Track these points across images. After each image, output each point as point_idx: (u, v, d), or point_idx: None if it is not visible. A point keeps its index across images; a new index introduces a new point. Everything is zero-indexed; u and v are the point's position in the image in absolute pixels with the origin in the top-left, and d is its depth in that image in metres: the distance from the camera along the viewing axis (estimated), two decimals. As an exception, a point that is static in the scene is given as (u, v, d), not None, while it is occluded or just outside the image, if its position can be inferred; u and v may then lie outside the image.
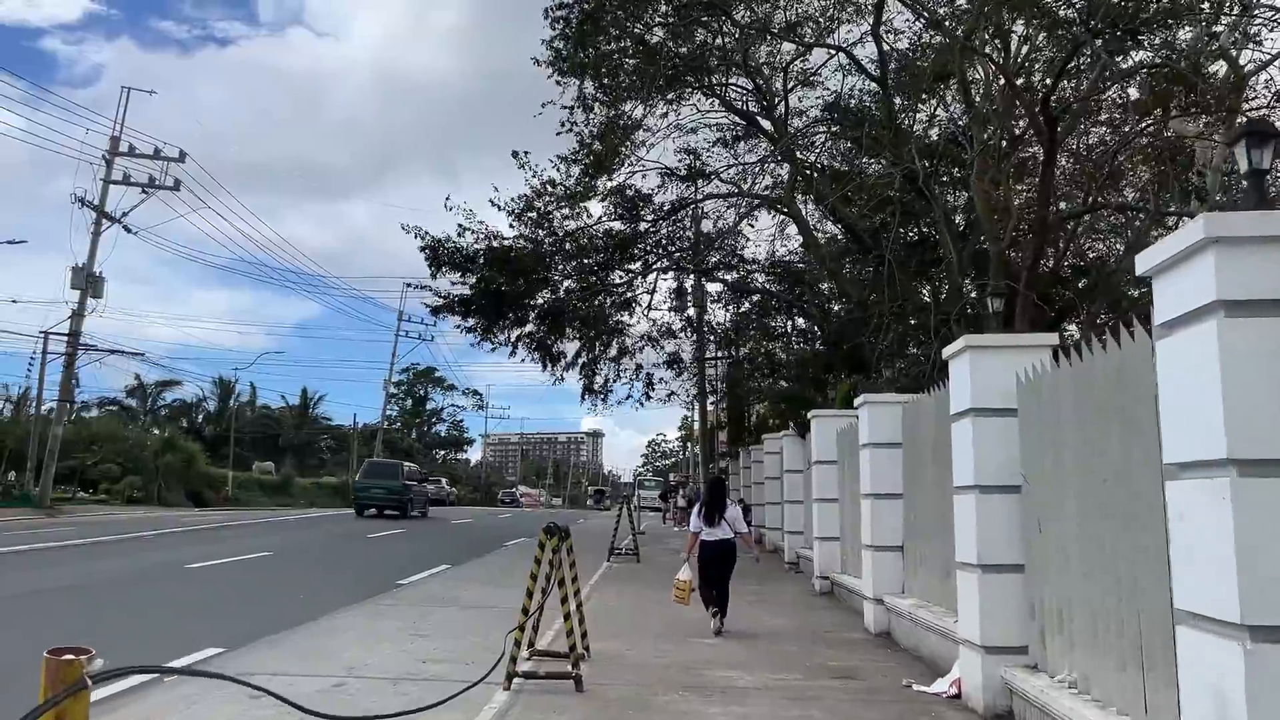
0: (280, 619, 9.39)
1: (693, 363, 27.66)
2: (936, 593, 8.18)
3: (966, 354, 6.35)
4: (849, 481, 12.13)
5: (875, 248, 20.88)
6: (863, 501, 9.93)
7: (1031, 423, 5.95)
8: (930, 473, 8.44)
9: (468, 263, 19.94)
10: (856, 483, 11.47)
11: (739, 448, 29.43)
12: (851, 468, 11.87)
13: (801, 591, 13.19)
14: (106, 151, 36.41)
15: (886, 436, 9.51)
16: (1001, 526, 6.11)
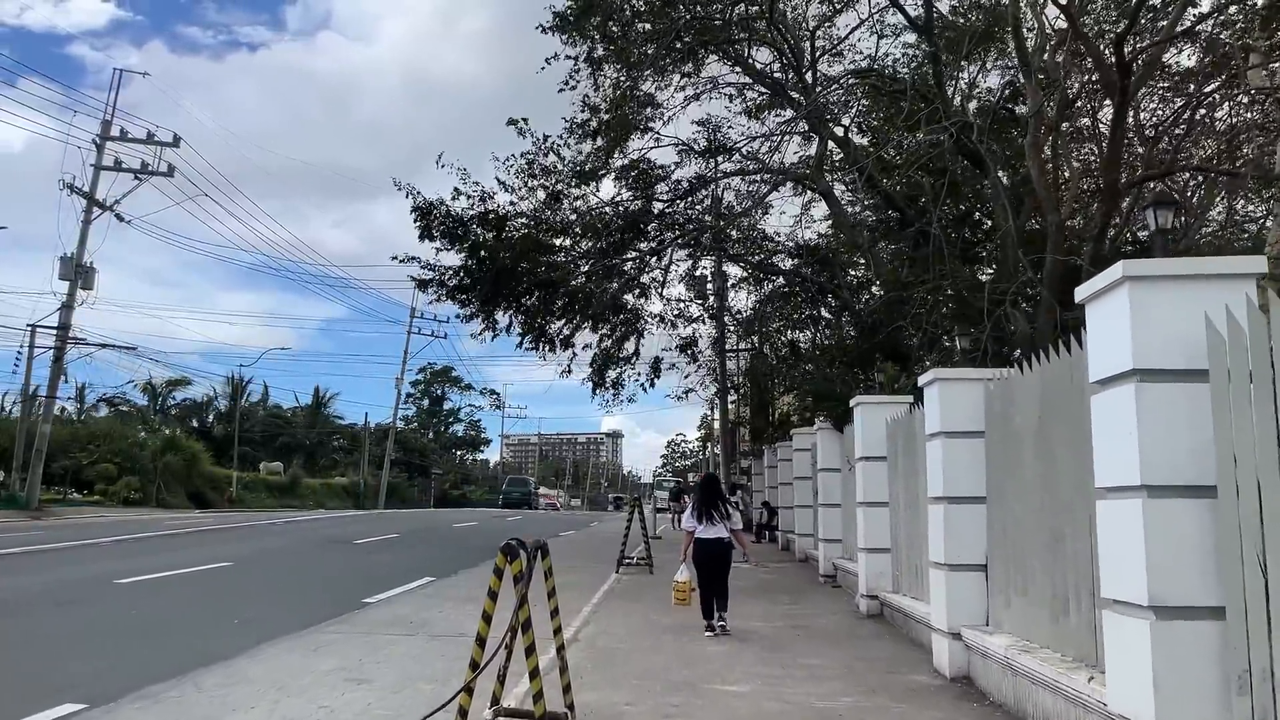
0: (185, 657, 7.38)
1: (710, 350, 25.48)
2: (1044, 631, 6.05)
3: (1124, 290, 4.22)
4: (905, 481, 10.00)
5: (917, 221, 18.67)
6: (931, 507, 7.80)
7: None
8: (1032, 470, 6.31)
9: (460, 229, 17.86)
10: (915, 482, 9.35)
11: (763, 445, 27.26)
12: (909, 464, 9.74)
13: (844, 613, 11.06)
14: (97, 136, 34.78)
15: (964, 423, 7.38)
16: (1189, 548, 3.99)
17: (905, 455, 9.93)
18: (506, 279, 18.29)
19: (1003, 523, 6.95)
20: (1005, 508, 6.90)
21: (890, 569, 10.52)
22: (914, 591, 9.52)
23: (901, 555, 10.13)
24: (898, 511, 10.30)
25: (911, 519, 9.69)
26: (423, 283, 18.85)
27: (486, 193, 18.12)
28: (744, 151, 23.10)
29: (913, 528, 9.66)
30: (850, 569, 12.75)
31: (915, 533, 9.54)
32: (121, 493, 39.77)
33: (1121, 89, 13.98)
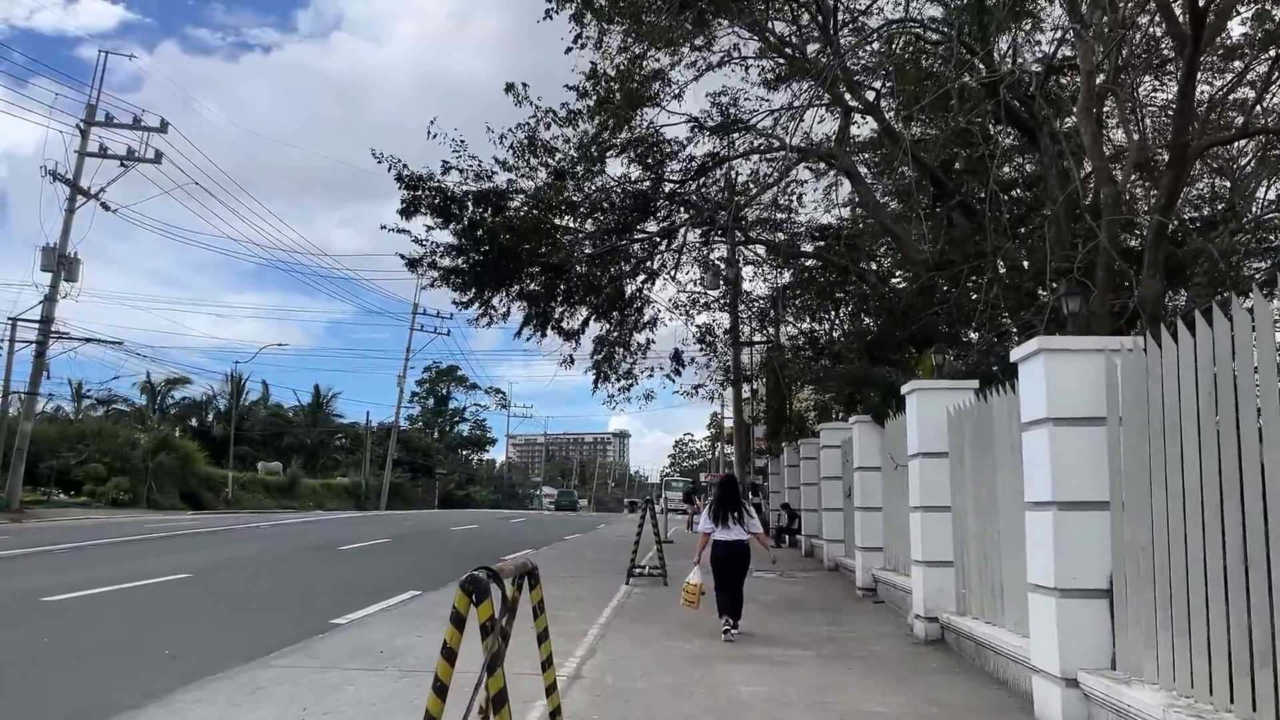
0: (74, 707, 5.76)
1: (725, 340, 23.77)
2: (1201, 679, 4.40)
3: None
4: (975, 481, 8.34)
5: (957, 192, 16.97)
6: (1031, 514, 6.12)
7: None
8: (1192, 467, 4.65)
9: (453, 205, 16.15)
10: (990, 482, 7.70)
11: (781, 443, 25.57)
12: (981, 461, 8.07)
13: (895, 636, 9.38)
14: (81, 121, 33.25)
15: (1077, 407, 5.71)
16: None
17: (975, 450, 8.27)
18: (508, 260, 16.62)
19: (1137, 536, 5.28)
20: (1141, 516, 5.23)
21: (954, 586, 8.84)
22: (990, 616, 7.85)
23: (970, 570, 8.46)
24: (964, 518, 8.63)
25: (985, 527, 8.03)
26: (412, 262, 17.17)
27: (485, 169, 16.44)
28: (760, 128, 21.46)
29: (986, 537, 7.99)
30: (897, 584, 11.08)
31: (990, 544, 7.88)
32: (110, 493, 38.26)
33: (1194, 39, 12.31)
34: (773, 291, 23.58)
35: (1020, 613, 7.00)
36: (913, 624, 9.47)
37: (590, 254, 17.59)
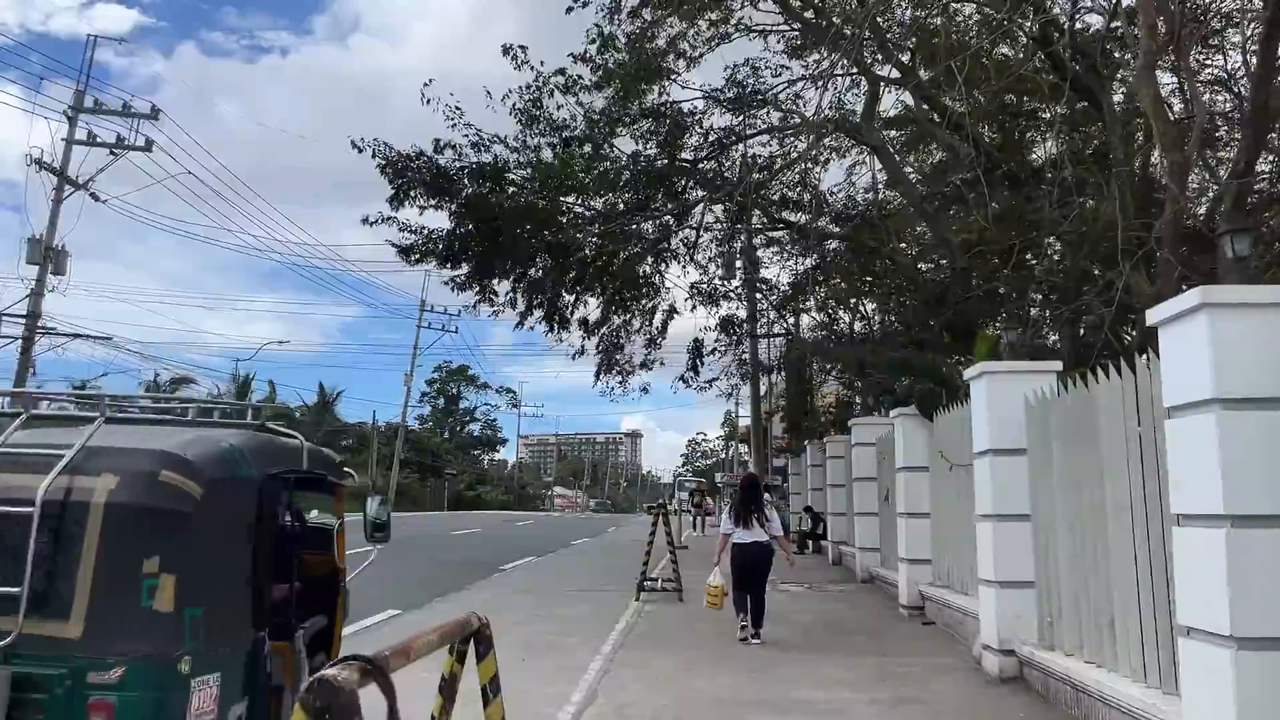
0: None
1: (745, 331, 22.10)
2: None
3: None
4: (1065, 486, 6.72)
5: (1005, 163, 15.28)
6: (1186, 532, 4.48)
7: None
8: None
9: (446, 184, 14.53)
10: (1085, 488, 6.12)
11: (804, 441, 23.92)
12: (1073, 460, 6.47)
13: (962, 671, 7.76)
14: (69, 107, 31.87)
15: (1261, 383, 4.09)
16: None
17: (1069, 446, 6.65)
18: (508, 239, 15.02)
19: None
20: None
21: (1036, 613, 7.21)
22: (1094, 655, 6.22)
23: (1059, 595, 6.84)
24: (1050, 530, 7.01)
25: (1084, 542, 6.41)
26: (405, 249, 15.57)
27: (483, 139, 14.79)
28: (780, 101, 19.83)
29: (1085, 556, 6.38)
30: (954, 604, 9.45)
31: (1091, 564, 6.26)
32: (104, 496, 36.92)
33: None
34: (795, 277, 21.91)
35: (1149, 658, 5.38)
36: (980, 656, 7.85)
37: (599, 231, 15.95)
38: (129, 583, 3.12)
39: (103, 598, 3.09)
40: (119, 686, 3.01)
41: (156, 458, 3.26)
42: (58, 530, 3.12)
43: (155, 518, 3.18)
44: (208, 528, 3.30)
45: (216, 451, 3.46)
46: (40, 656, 3.01)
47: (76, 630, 3.06)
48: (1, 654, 2.96)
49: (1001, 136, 16.38)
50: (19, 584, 2.99)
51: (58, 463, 3.12)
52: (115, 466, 3.21)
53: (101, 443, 3.26)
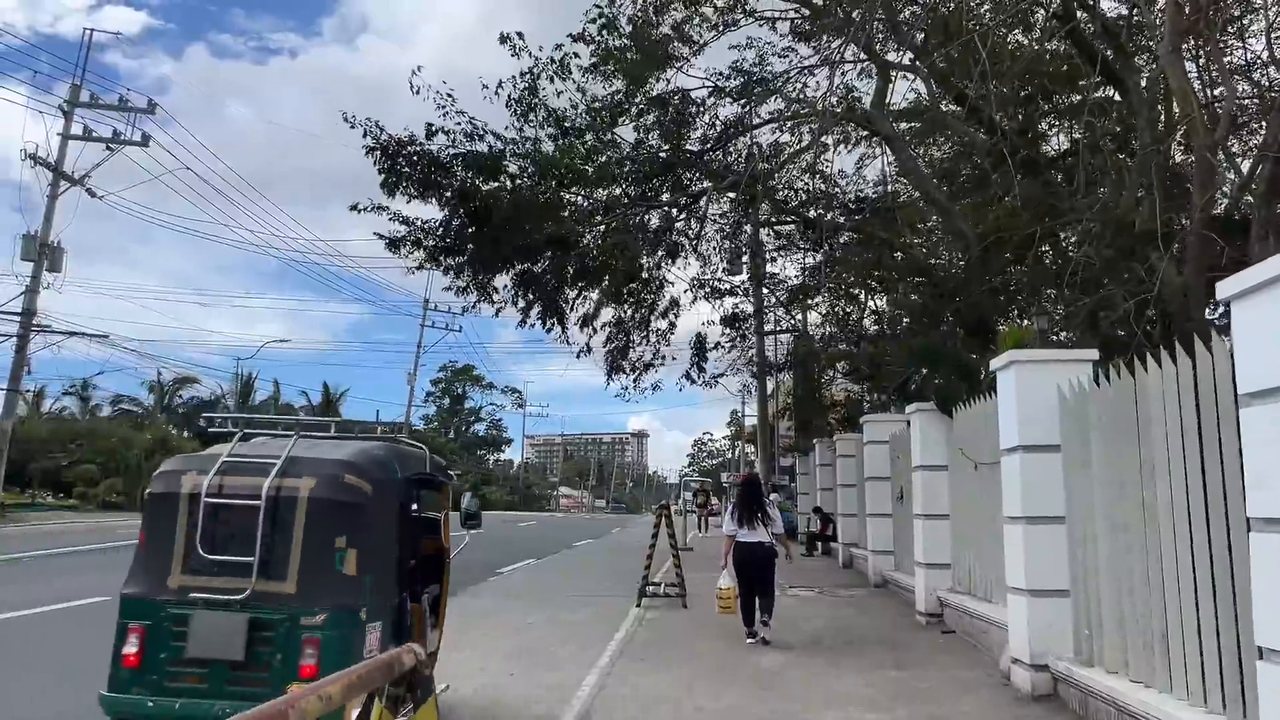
0: None
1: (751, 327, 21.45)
2: None
3: None
4: (1103, 486, 6.10)
5: (1023, 148, 14.61)
6: (1260, 538, 3.85)
7: None
8: None
9: (439, 174, 13.90)
10: (1129, 488, 5.49)
11: (811, 440, 23.26)
12: (1116, 457, 5.84)
13: (989, 688, 7.12)
14: (65, 101, 31.42)
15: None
16: None
17: (1111, 442, 6.02)
18: (504, 234, 14.37)
19: None
20: None
21: (1072, 624, 6.58)
22: (1139, 672, 5.60)
23: (1099, 605, 6.21)
24: (1088, 534, 6.38)
25: (1128, 548, 5.78)
26: (393, 241, 14.94)
27: (477, 128, 14.15)
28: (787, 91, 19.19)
29: (1129, 564, 5.75)
30: (976, 612, 8.82)
31: (1139, 573, 5.63)
32: (102, 496, 36.46)
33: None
34: (804, 272, 21.26)
35: (1210, 680, 4.76)
36: (1008, 670, 7.22)
37: (601, 223, 15.32)
38: (326, 554, 4.41)
39: (308, 565, 4.38)
40: (322, 627, 4.27)
41: (341, 465, 4.59)
42: (276, 516, 4.40)
43: (342, 508, 4.49)
44: (374, 515, 4.60)
45: (377, 459, 4.80)
46: (267, 606, 4.30)
47: (291, 588, 4.34)
48: (240, 604, 4.28)
49: (1019, 123, 15.71)
50: (252, 555, 4.31)
51: (273, 468, 4.47)
52: (313, 471, 4.52)
53: (299, 454, 4.62)
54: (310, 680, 3.91)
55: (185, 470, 4.61)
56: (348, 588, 4.44)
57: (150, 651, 4.36)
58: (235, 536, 4.43)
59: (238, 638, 4.30)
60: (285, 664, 4.30)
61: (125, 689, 4.35)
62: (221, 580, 4.38)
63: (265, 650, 4.31)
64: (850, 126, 19.69)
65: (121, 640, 4.40)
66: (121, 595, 4.53)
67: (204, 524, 4.44)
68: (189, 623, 4.34)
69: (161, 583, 4.45)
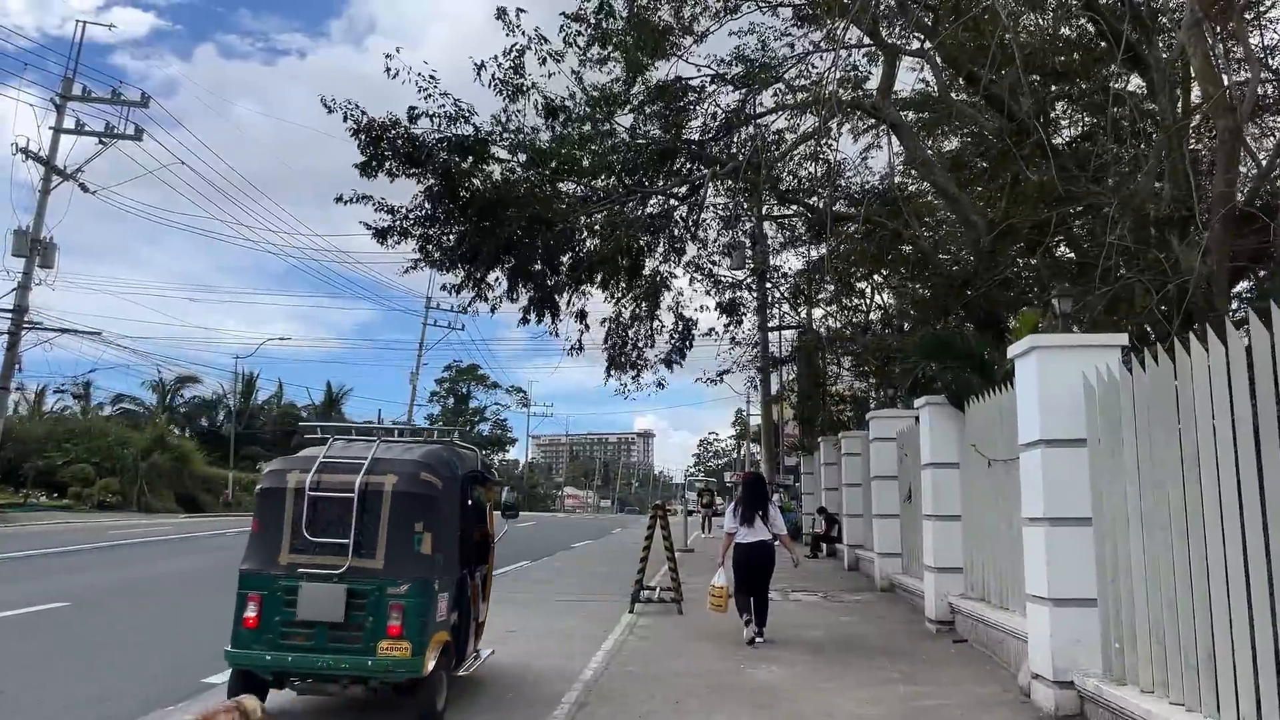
0: None
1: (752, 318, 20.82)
2: None
3: None
4: (1138, 485, 5.46)
5: (1033, 133, 13.94)
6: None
7: None
8: None
9: (423, 157, 13.26)
10: (1170, 487, 4.88)
11: (816, 438, 22.62)
12: (1153, 452, 5.22)
13: (1007, 707, 6.49)
14: (57, 94, 30.93)
15: None
16: None
17: (1148, 435, 5.39)
18: (492, 222, 13.73)
19: None
20: None
21: (1101, 637, 5.95)
22: (1179, 693, 4.96)
23: (1132, 617, 5.58)
24: (1121, 537, 5.75)
25: (1163, 553, 5.15)
26: (381, 231, 14.32)
27: (463, 109, 13.50)
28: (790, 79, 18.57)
29: (1166, 569, 5.12)
30: (991, 620, 8.18)
31: (1181, 581, 5.00)
32: (98, 496, 35.96)
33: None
34: (807, 264, 20.62)
35: (1268, 705, 4.13)
36: (1028, 686, 6.59)
37: (597, 213, 14.68)
38: (407, 537, 5.40)
39: (393, 545, 5.36)
40: (405, 596, 5.23)
41: (417, 464, 5.59)
42: (366, 506, 5.38)
43: (419, 499, 5.48)
44: (443, 506, 5.60)
45: (444, 459, 5.82)
46: (361, 579, 5.27)
47: (380, 564, 5.30)
48: (339, 577, 5.26)
49: (1033, 105, 15.05)
50: (347, 537, 5.31)
51: (362, 467, 5.48)
52: (394, 469, 5.52)
53: (382, 455, 5.64)
54: (397, 639, 5.23)
55: (290, 469, 5.66)
56: (424, 564, 5.47)
57: (266, 615, 5.33)
58: (333, 522, 5.44)
59: (338, 604, 5.27)
60: (376, 625, 5.27)
61: (246, 645, 5.33)
62: (323, 558, 5.37)
63: (359, 614, 5.29)
64: (857, 116, 19.08)
65: (242, 606, 5.38)
66: (241, 570, 5.51)
67: (307, 513, 5.45)
68: (298, 592, 5.32)
69: (274, 560, 5.45)
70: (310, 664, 5.27)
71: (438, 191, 13.68)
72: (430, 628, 5.38)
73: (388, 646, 5.23)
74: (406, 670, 5.26)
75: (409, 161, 13.20)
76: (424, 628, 5.31)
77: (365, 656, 5.24)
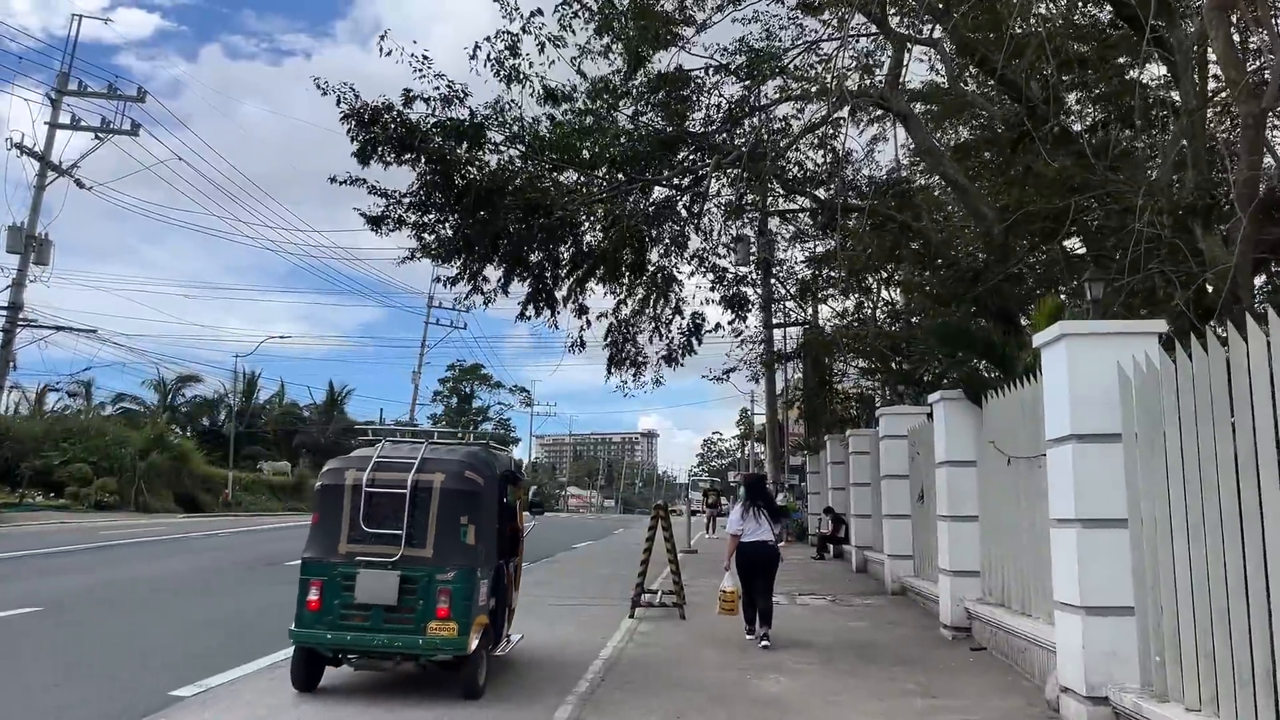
0: None
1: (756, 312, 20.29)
2: None
3: None
4: (1176, 483, 4.98)
5: (1050, 117, 13.42)
6: None
7: None
8: None
9: (416, 142, 12.76)
10: (1221, 486, 4.38)
11: (822, 436, 22.15)
12: (1198, 446, 4.75)
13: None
14: (52, 89, 30.56)
15: None
16: None
17: (1194, 429, 4.91)
18: (488, 210, 13.25)
19: None
20: None
21: (1138, 647, 5.47)
22: (1229, 711, 4.48)
23: (1173, 625, 5.10)
24: (1160, 540, 5.27)
25: (1212, 558, 4.67)
26: (375, 219, 13.84)
27: (457, 90, 13.00)
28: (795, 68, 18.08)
29: (1215, 575, 4.64)
30: (1012, 627, 7.70)
31: (1223, 586, 4.52)
32: (95, 495, 35.54)
33: None
34: (814, 259, 20.10)
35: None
36: (1055, 700, 6.11)
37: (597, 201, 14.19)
38: (454, 529, 6.11)
39: (441, 536, 6.08)
40: (452, 581, 5.97)
41: (462, 464, 6.32)
42: (416, 501, 6.09)
43: (464, 495, 6.19)
44: (484, 501, 6.32)
45: (484, 460, 6.56)
46: (412, 566, 6.00)
47: (429, 553, 6.03)
48: (393, 564, 5.98)
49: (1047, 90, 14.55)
50: (400, 529, 6.04)
51: (412, 466, 6.18)
52: (441, 468, 6.23)
53: (430, 455, 6.36)
54: (445, 620, 5.85)
55: (347, 468, 6.27)
56: (469, 553, 6.06)
57: (327, 598, 5.92)
58: (387, 516, 6.02)
59: (392, 588, 5.88)
60: (426, 607, 5.87)
61: (309, 626, 5.95)
62: (378, 547, 5.98)
63: (411, 598, 5.89)
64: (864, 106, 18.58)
65: (305, 591, 5.98)
66: (303, 558, 6.14)
67: (364, 507, 6.04)
68: (355, 578, 5.93)
69: (333, 549, 6.05)
70: (366, 642, 5.93)
71: (431, 179, 13.21)
72: (473, 611, 6.03)
73: (436, 627, 5.88)
74: (453, 649, 5.93)
75: (402, 147, 12.72)
76: (468, 611, 5.97)
77: (416, 636, 5.89)
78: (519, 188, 13.95)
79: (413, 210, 13.71)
